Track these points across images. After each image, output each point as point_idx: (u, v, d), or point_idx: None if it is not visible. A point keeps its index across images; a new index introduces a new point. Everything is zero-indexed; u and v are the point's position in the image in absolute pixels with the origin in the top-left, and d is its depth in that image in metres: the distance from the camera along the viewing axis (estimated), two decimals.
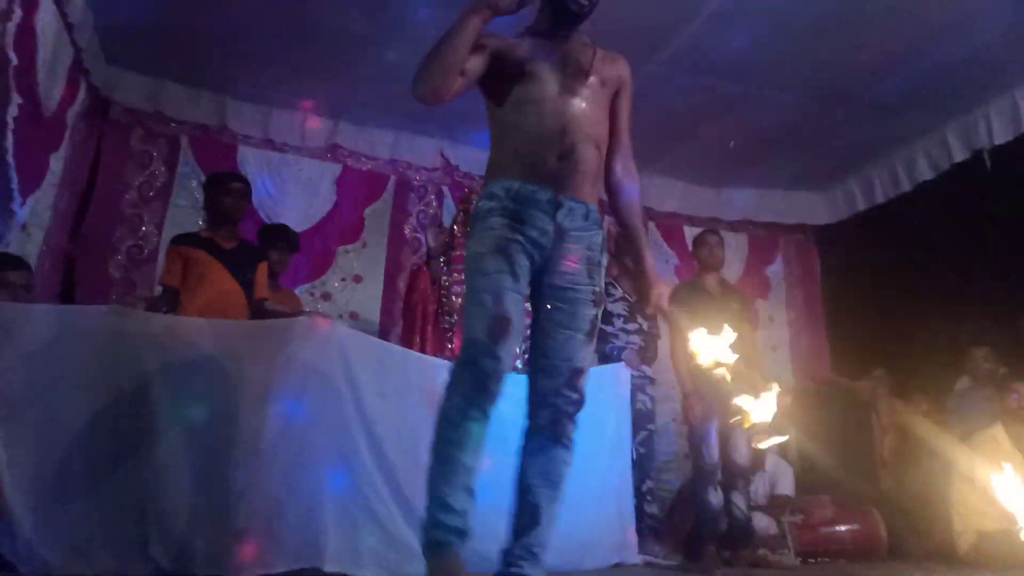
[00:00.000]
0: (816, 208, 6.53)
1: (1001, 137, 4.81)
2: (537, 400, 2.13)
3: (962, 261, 4.98)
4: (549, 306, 2.15)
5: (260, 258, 3.94)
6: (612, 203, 2.38)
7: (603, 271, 2.25)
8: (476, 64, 2.12)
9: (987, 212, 4.79)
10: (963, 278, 5.01)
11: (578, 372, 2.12)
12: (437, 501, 1.94)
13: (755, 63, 4.58)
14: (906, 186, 5.58)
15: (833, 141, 5.49)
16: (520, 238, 2.08)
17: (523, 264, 2.08)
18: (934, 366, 5.01)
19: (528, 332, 2.31)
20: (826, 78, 4.73)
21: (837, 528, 4.54)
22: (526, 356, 3.71)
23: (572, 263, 2.15)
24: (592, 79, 2.21)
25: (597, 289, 2.20)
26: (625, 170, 2.34)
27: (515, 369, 3.70)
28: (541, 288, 2.16)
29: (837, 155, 5.76)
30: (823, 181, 6.31)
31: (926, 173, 5.41)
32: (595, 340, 2.21)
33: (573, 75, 2.19)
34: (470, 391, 1.97)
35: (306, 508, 2.92)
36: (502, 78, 2.18)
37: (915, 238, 5.40)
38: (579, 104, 2.17)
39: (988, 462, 3.65)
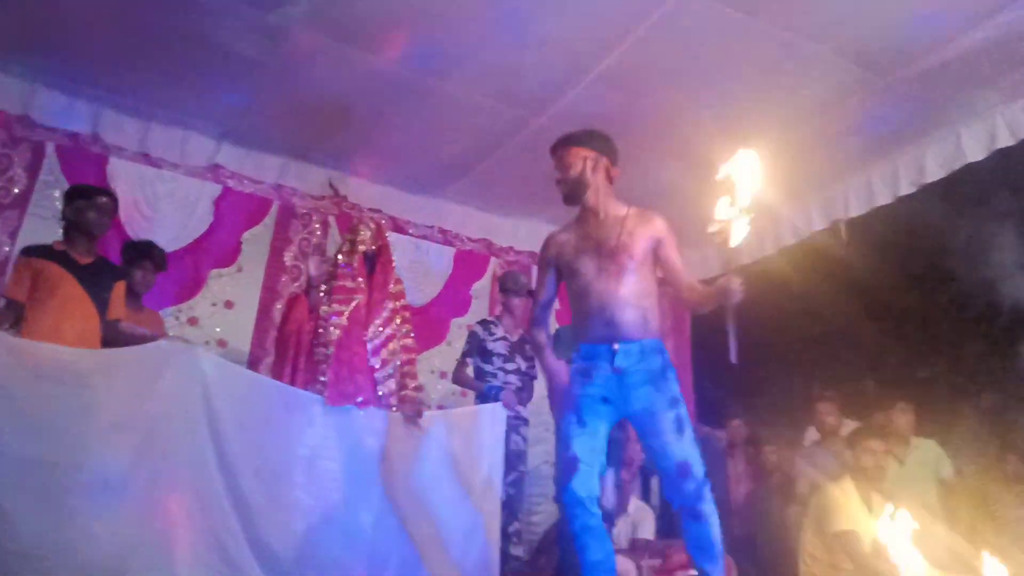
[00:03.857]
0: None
1: (856, 210, 5.35)
2: (667, 494, 2.76)
3: (818, 318, 5.37)
4: (637, 427, 2.76)
5: (118, 276, 3.74)
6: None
7: (670, 381, 2.74)
8: (555, 289, 3.00)
9: (843, 274, 5.19)
10: (818, 334, 5.40)
11: (681, 465, 2.62)
12: None
13: (634, 124, 4.73)
14: (770, 249, 6.00)
15: (707, 204, 5.78)
16: (589, 391, 2.71)
17: (593, 409, 2.71)
18: (787, 418, 5.29)
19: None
20: (698, 148, 5.01)
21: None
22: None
23: (638, 393, 2.69)
24: (622, 253, 2.77)
25: (667, 395, 2.69)
26: (691, 292, 3.00)
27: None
28: (627, 415, 2.74)
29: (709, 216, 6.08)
30: (694, 238, 6.61)
31: (788, 239, 5.87)
32: (685, 428, 2.69)
33: (606, 256, 2.77)
34: (571, 514, 2.61)
35: (157, 549, 2.75)
36: (565, 276, 2.90)
37: (775, 296, 5.74)
38: (614, 280, 2.75)
39: (837, 515, 3.83)
